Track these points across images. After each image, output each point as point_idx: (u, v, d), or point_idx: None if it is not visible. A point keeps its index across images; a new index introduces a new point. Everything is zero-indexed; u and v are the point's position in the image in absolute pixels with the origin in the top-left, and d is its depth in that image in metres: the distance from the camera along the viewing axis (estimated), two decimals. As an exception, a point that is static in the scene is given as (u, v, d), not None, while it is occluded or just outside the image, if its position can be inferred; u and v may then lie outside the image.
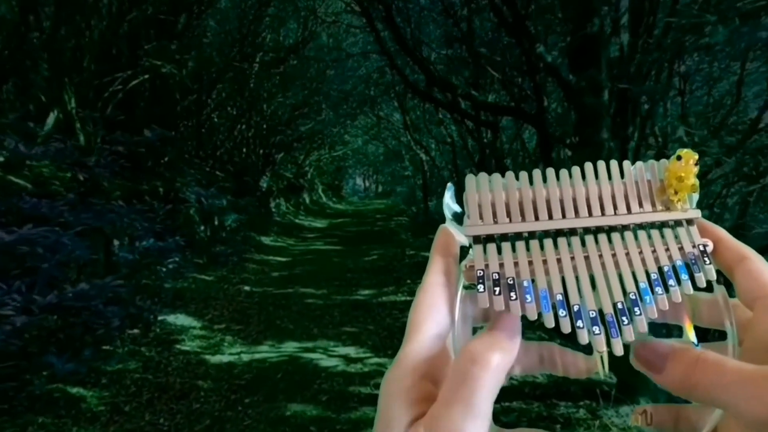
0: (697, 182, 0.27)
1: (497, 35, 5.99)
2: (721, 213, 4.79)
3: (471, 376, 0.20)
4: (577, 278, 0.25)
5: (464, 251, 0.26)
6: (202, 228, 8.06)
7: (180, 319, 4.29)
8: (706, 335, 0.27)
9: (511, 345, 0.22)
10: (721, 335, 0.25)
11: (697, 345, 0.24)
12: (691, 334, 0.25)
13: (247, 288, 5.80)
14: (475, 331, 0.25)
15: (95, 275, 3.18)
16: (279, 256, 8.44)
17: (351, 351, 3.70)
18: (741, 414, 0.20)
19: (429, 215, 13.36)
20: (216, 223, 8.72)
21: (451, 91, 5.49)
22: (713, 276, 0.25)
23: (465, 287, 0.25)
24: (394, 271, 6.84)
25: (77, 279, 3.00)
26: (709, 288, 0.25)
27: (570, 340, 0.26)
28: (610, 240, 0.26)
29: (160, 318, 4.12)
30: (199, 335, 3.99)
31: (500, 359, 0.21)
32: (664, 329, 0.29)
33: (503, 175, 0.27)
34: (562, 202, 0.27)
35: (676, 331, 0.27)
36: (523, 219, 0.26)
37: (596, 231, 0.26)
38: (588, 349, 0.25)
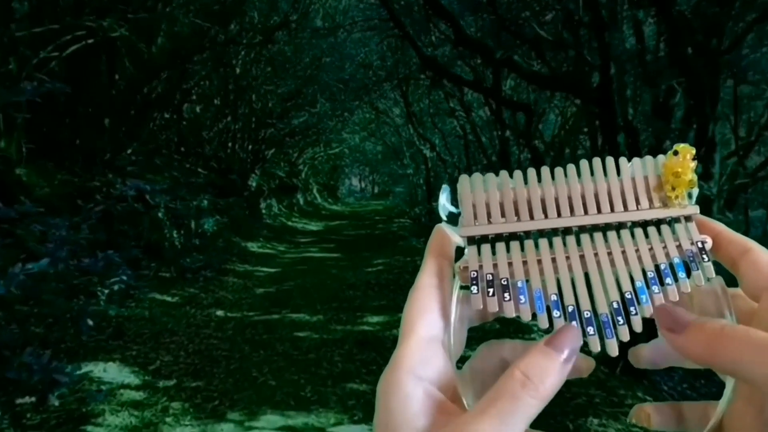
0: (695, 178, 0.26)
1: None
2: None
3: (517, 397, 0.20)
4: (572, 278, 0.24)
5: (460, 252, 0.26)
6: (174, 234, 6.71)
7: (110, 372, 2.95)
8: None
9: (566, 369, 0.21)
10: None
11: None
12: None
13: (220, 313, 4.46)
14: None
15: None
16: (266, 266, 7.10)
17: (364, 434, 2.38)
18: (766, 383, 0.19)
19: (433, 217, 12.12)
20: (193, 226, 7.36)
21: (486, 55, 4.17)
22: (712, 273, 0.24)
23: (461, 288, 0.25)
24: (407, 287, 5.48)
25: None
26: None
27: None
28: (606, 238, 0.25)
29: (79, 372, 2.78)
30: (131, 401, 2.65)
31: (551, 386, 0.20)
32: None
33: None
34: (557, 200, 0.26)
35: None
36: (518, 218, 0.26)
37: (592, 229, 0.26)
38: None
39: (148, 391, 2.78)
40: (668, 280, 0.24)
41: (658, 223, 0.26)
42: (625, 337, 0.23)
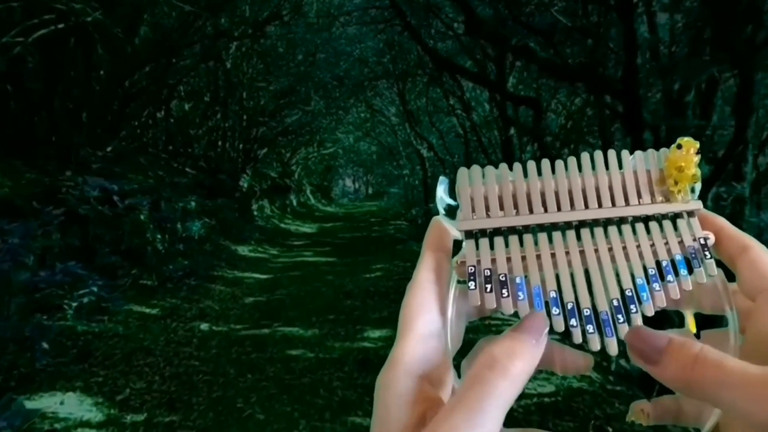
0: (698, 172, 0.25)
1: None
2: None
3: (485, 381, 0.19)
4: (572, 274, 0.24)
5: (458, 245, 0.25)
6: (158, 238, 6.25)
7: (68, 404, 2.51)
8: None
9: (536, 351, 0.21)
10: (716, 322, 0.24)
11: (697, 334, 0.24)
12: (691, 324, 0.25)
13: (204, 327, 4.03)
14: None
15: None
16: (257, 272, 6.66)
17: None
18: (743, 416, 0.19)
19: (431, 218, 11.71)
20: (179, 229, 6.91)
21: (500, 42, 3.77)
22: (714, 271, 0.24)
23: (458, 283, 0.24)
24: (409, 296, 5.09)
25: None
26: None
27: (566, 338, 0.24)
28: (606, 234, 0.25)
29: (28, 408, 2.35)
30: (90, 444, 2.22)
31: (521, 367, 0.20)
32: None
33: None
34: (557, 194, 0.25)
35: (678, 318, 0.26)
36: (517, 212, 0.25)
37: (592, 224, 0.25)
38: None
39: (111, 429, 2.34)
40: (669, 277, 0.23)
41: (660, 218, 0.25)
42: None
